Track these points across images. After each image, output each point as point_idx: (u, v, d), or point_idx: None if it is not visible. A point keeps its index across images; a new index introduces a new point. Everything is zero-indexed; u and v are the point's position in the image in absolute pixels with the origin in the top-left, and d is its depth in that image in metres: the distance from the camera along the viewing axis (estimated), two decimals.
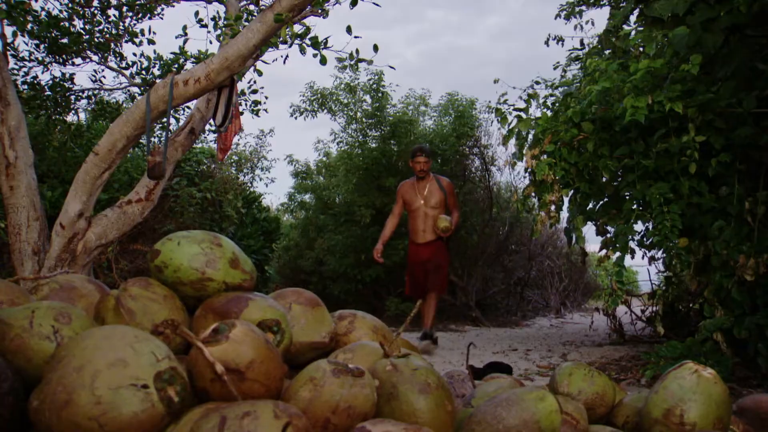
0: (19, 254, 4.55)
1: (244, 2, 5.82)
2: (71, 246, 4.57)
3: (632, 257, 4.47)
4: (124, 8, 6.04)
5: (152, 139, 4.45)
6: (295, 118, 9.06)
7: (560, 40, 6.57)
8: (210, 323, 1.72)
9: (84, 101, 6.89)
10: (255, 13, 5.51)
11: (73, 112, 6.83)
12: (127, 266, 7.03)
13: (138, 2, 6.06)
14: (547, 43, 6.61)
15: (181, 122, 5.84)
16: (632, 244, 4.46)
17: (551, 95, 5.17)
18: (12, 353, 1.50)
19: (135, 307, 1.68)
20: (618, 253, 4.32)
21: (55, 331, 1.53)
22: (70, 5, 5.86)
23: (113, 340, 1.39)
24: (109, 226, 4.74)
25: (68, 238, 4.55)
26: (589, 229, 5.10)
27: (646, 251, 4.70)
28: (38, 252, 4.56)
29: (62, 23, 5.78)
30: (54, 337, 1.53)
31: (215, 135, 6.02)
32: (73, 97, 6.53)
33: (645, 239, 4.59)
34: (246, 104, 6.43)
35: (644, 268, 6.17)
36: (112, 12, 6.10)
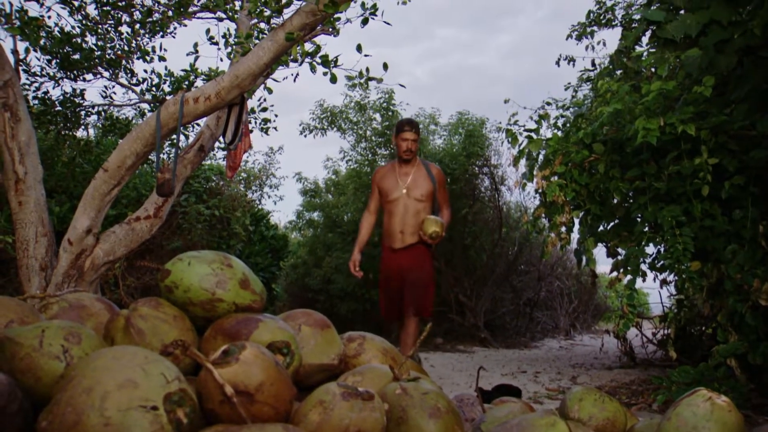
0: (26, 270, 4.53)
1: (255, 20, 5.84)
2: (79, 262, 4.55)
3: (644, 280, 4.42)
4: (137, 25, 6.07)
5: (161, 155, 4.45)
6: (305, 135, 9.08)
7: (571, 60, 6.57)
8: (219, 344, 1.70)
9: (94, 117, 6.92)
10: (266, 32, 5.52)
11: (82, 127, 6.85)
12: (134, 283, 7.01)
13: (150, 20, 6.09)
14: (558, 63, 6.61)
15: (191, 139, 5.85)
16: (644, 267, 4.42)
17: (562, 116, 5.16)
18: (21, 373, 1.48)
19: (145, 327, 1.66)
20: (629, 276, 4.28)
21: (64, 351, 1.51)
22: (83, 22, 5.90)
23: (123, 361, 1.37)
24: (117, 243, 4.73)
25: (76, 254, 4.53)
26: (599, 251, 5.06)
27: (658, 274, 4.65)
28: (45, 268, 4.54)
29: (75, 39, 5.82)
30: (63, 357, 1.50)
31: (224, 152, 6.02)
32: (83, 112, 6.55)
33: (656, 262, 4.54)
34: (256, 122, 6.44)
35: (655, 290, 6.12)
36: (124, 29, 6.13)
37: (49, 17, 5.63)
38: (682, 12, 4.31)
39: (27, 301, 1.87)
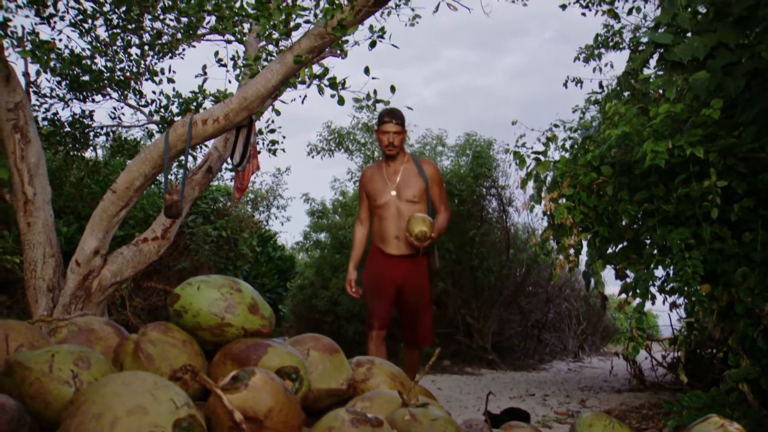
0: (33, 291, 4.54)
1: (264, 43, 5.89)
2: (86, 283, 4.56)
3: (653, 303, 4.40)
4: (146, 47, 6.13)
5: (169, 177, 4.47)
6: (312, 156, 9.12)
7: (579, 82, 6.59)
8: (228, 369, 1.70)
9: (102, 138, 6.97)
10: (274, 54, 5.57)
11: (91, 148, 6.90)
12: (140, 303, 7.01)
13: (159, 42, 6.14)
14: (565, 84, 6.63)
15: (199, 160, 5.87)
16: (653, 290, 4.39)
17: (570, 138, 5.16)
18: (31, 398, 1.47)
19: (154, 352, 1.65)
20: (638, 299, 4.25)
21: (74, 376, 1.51)
22: (93, 43, 5.96)
23: (133, 386, 1.36)
24: (124, 264, 4.73)
25: (83, 275, 4.54)
26: (608, 272, 5.04)
27: (667, 296, 4.63)
28: (53, 289, 4.54)
29: (84, 61, 5.87)
30: (73, 382, 1.50)
31: (232, 173, 6.04)
32: (92, 133, 6.60)
33: (666, 285, 4.52)
34: (263, 143, 6.47)
35: (665, 313, 6.08)
36: (134, 51, 6.19)
37: (60, 40, 5.69)
38: (689, 35, 4.32)
39: (36, 325, 1.87)
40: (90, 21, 5.79)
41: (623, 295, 4.67)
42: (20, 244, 4.64)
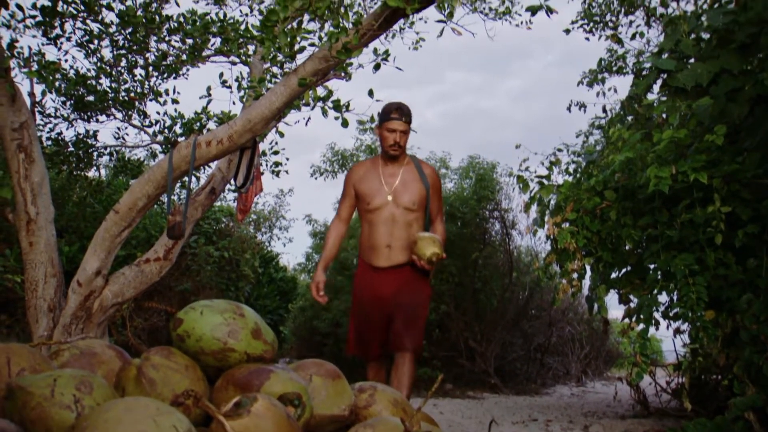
0: (34, 311, 4.52)
1: (268, 65, 5.92)
2: (87, 304, 4.54)
3: (656, 329, 4.37)
4: (151, 68, 6.16)
5: (172, 198, 4.47)
6: (315, 178, 9.14)
7: (582, 106, 6.61)
8: (231, 395, 1.69)
9: (106, 157, 6.99)
10: (279, 76, 5.59)
11: (94, 168, 6.92)
12: (141, 324, 6.98)
13: (164, 63, 6.18)
14: (569, 108, 6.65)
15: (202, 181, 5.89)
16: (656, 315, 4.36)
17: (573, 162, 5.16)
18: (32, 422, 1.46)
19: (156, 377, 1.64)
20: (642, 325, 4.23)
21: (76, 401, 1.50)
22: (98, 64, 5.99)
23: (135, 412, 1.35)
24: (126, 285, 4.72)
25: (85, 295, 4.53)
26: (611, 296, 5.01)
27: (671, 322, 4.60)
28: (54, 309, 4.53)
29: (89, 81, 5.91)
30: (75, 407, 1.49)
31: (235, 194, 6.05)
32: (95, 153, 6.62)
33: (669, 310, 4.49)
34: (266, 164, 6.48)
35: (669, 338, 6.03)
36: (138, 71, 6.23)
37: (66, 60, 5.74)
38: (692, 61, 4.34)
39: (37, 348, 1.86)
40: (96, 42, 5.83)
41: (626, 320, 4.65)
42: (22, 263, 4.64)
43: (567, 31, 7.24)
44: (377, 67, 4.42)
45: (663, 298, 4.47)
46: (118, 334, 6.54)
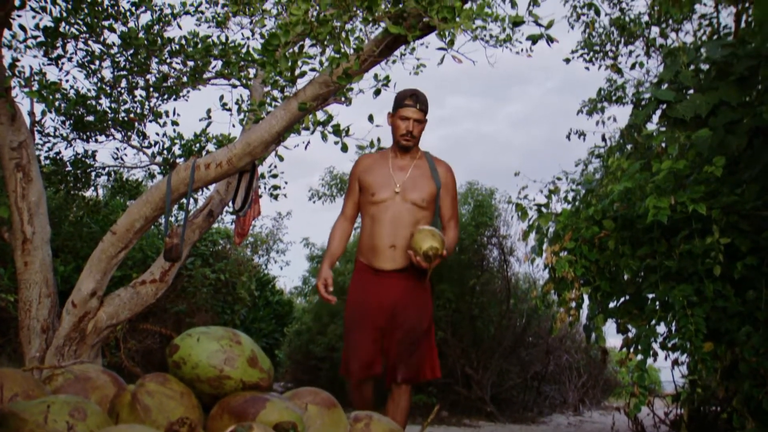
0: (27, 331, 4.48)
1: (269, 88, 5.94)
2: (81, 325, 4.50)
3: (654, 360, 4.34)
4: (151, 89, 6.17)
5: (170, 219, 4.46)
6: (314, 202, 9.13)
7: (582, 134, 6.64)
8: (226, 423, 1.66)
9: (104, 177, 6.98)
10: (279, 100, 5.61)
11: (92, 188, 6.90)
12: (135, 346, 6.92)
13: (165, 84, 6.19)
14: (568, 137, 6.68)
15: (200, 203, 5.87)
16: (655, 346, 4.34)
17: (572, 190, 5.17)
18: None
19: (151, 404, 1.62)
20: (640, 356, 4.20)
21: (69, 428, 1.47)
22: (98, 84, 6.01)
23: None
24: (121, 306, 4.69)
25: (79, 317, 4.49)
26: (610, 325, 4.98)
27: (670, 353, 4.57)
28: (47, 330, 4.49)
29: (89, 101, 5.91)
30: None
31: (233, 217, 6.03)
32: (93, 173, 6.61)
33: (668, 341, 4.47)
34: (265, 187, 6.47)
35: (667, 368, 5.99)
36: (138, 92, 6.24)
37: (67, 80, 5.75)
38: (691, 92, 4.36)
39: (31, 372, 1.83)
40: (97, 62, 5.85)
41: (625, 350, 4.62)
42: (16, 282, 4.60)
43: (567, 61, 7.29)
44: (378, 92, 4.44)
45: (661, 328, 4.45)
46: (112, 355, 6.48)
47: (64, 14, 5.32)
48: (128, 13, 5.67)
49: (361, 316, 3.30)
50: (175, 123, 6.28)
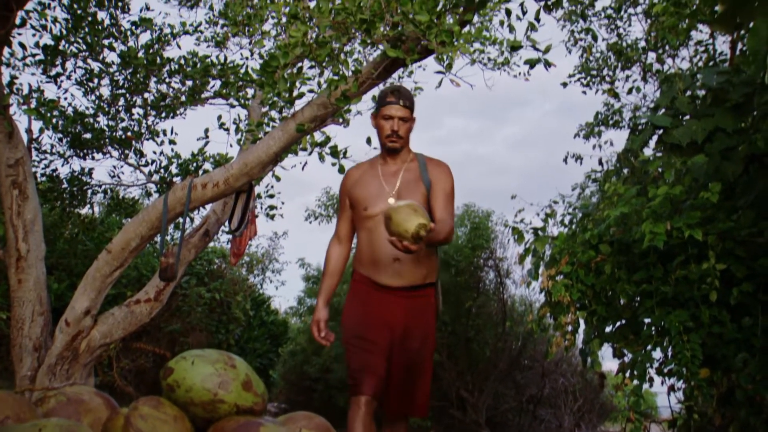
0: (19, 350, 4.45)
1: (267, 108, 5.96)
2: (74, 344, 4.48)
3: (650, 385, 4.32)
4: (149, 107, 6.18)
5: (166, 238, 4.44)
6: (310, 222, 9.13)
7: (579, 158, 6.66)
8: None
9: (100, 195, 6.96)
10: (277, 120, 5.62)
11: (88, 205, 6.89)
12: (128, 365, 6.87)
13: (162, 103, 6.20)
14: (565, 160, 6.70)
15: (196, 222, 5.86)
16: (650, 372, 4.32)
17: (569, 213, 5.17)
18: None
19: (144, 428, 1.60)
20: (636, 381, 4.18)
21: None
22: (96, 102, 6.01)
23: None
24: (115, 325, 4.66)
25: (72, 335, 4.46)
26: (606, 349, 4.97)
27: (666, 379, 4.55)
28: (39, 348, 4.46)
29: (87, 119, 5.92)
30: None
31: (229, 236, 6.02)
32: (89, 191, 6.59)
33: (664, 367, 4.45)
34: (261, 207, 6.47)
35: (664, 393, 5.95)
36: (136, 111, 6.24)
37: (65, 98, 5.76)
38: (687, 118, 4.38)
39: (23, 394, 1.81)
40: (96, 80, 5.86)
41: (621, 374, 4.60)
42: (9, 300, 4.58)
43: (564, 85, 7.33)
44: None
45: (657, 354, 4.44)
46: (104, 374, 6.43)
47: (64, 32, 5.34)
48: (128, 33, 5.70)
49: (365, 332, 2.88)
50: (172, 142, 6.29)
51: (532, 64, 3.86)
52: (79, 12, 5.33)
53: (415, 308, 2.93)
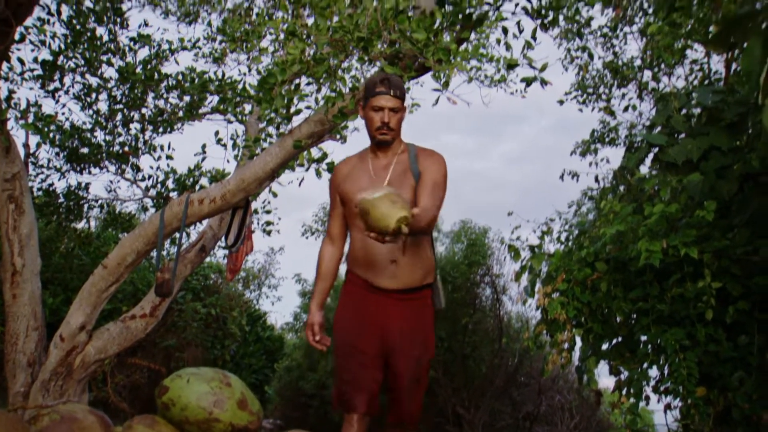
0: (12, 365, 4.43)
1: (264, 124, 5.97)
2: (69, 359, 4.45)
3: (647, 404, 4.31)
4: (146, 122, 6.19)
5: (162, 253, 4.44)
6: (306, 237, 9.14)
7: (575, 175, 6.69)
8: None
9: (96, 210, 6.96)
10: (274, 136, 5.64)
11: (84, 220, 6.88)
12: (123, 380, 6.84)
13: (160, 118, 6.22)
14: (562, 177, 6.74)
15: (193, 238, 5.86)
16: (647, 389, 4.31)
17: (565, 230, 5.18)
18: None
19: None
20: (632, 399, 4.17)
21: None
22: (94, 117, 6.02)
23: None
24: (110, 341, 4.65)
25: (67, 351, 4.44)
26: (602, 366, 4.95)
27: (662, 396, 4.54)
28: (33, 364, 4.44)
29: (84, 133, 5.92)
30: None
31: (225, 252, 6.01)
32: (86, 205, 6.59)
33: (660, 385, 4.44)
34: (258, 222, 6.47)
35: (660, 411, 5.94)
36: (133, 125, 6.25)
37: (63, 113, 5.76)
38: (683, 136, 4.40)
39: (16, 412, 1.80)
40: (94, 95, 5.87)
41: (617, 392, 4.59)
42: (4, 315, 4.56)
43: (561, 102, 7.37)
44: None
45: (653, 372, 4.43)
46: (99, 390, 6.39)
47: (63, 48, 5.36)
48: (126, 48, 5.72)
49: (356, 340, 2.74)
50: (169, 157, 6.29)
51: (528, 82, 3.88)
52: (78, 27, 5.36)
53: (413, 312, 2.78)
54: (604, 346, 4.79)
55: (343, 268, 3.04)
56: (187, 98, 6.09)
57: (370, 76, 3.06)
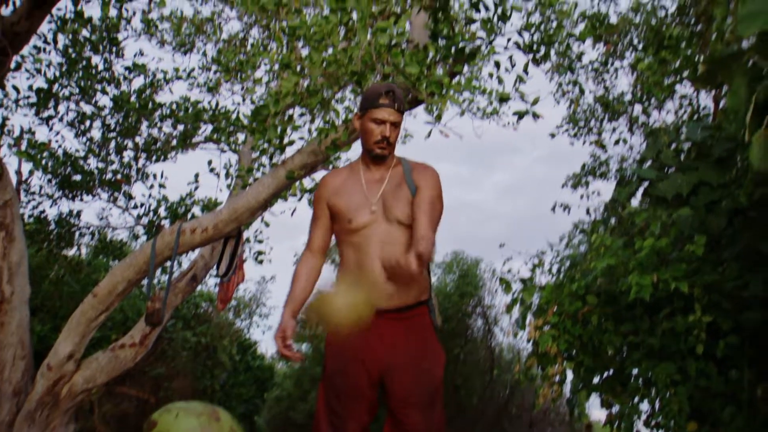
0: None
1: (257, 154, 5.99)
2: (56, 389, 4.40)
3: None
4: (140, 150, 6.20)
5: (153, 282, 4.42)
6: None
7: (566, 207, 6.73)
8: None
9: (87, 237, 6.93)
10: (267, 166, 5.65)
11: (75, 247, 6.85)
12: (111, 410, 6.76)
13: (154, 147, 6.23)
14: (553, 209, 6.77)
15: (184, 267, 5.84)
16: (638, 423, 4.30)
17: (557, 263, 5.20)
18: None
19: None
20: None
21: None
22: (87, 144, 6.03)
23: None
24: (98, 370, 4.60)
25: (54, 380, 4.39)
26: (594, 398, 4.94)
27: (653, 431, 4.53)
28: (19, 393, 4.38)
29: (77, 161, 5.92)
30: None
31: (216, 281, 5.99)
32: (77, 232, 6.57)
33: (651, 420, 4.43)
34: (250, 251, 6.45)
35: None
36: (127, 153, 6.26)
37: (56, 141, 5.77)
38: (672, 170, 4.45)
39: None
40: (88, 122, 5.88)
41: (608, 426, 4.57)
42: None
43: (552, 135, 7.44)
44: None
45: (644, 406, 4.42)
46: (85, 420, 6.32)
47: (58, 76, 5.38)
48: (121, 77, 5.75)
49: (343, 379, 2.61)
50: (162, 185, 6.30)
51: (520, 115, 3.92)
52: (73, 56, 5.39)
53: (413, 329, 2.60)
54: (596, 380, 4.79)
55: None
56: (180, 127, 6.10)
57: (373, 85, 2.91)
